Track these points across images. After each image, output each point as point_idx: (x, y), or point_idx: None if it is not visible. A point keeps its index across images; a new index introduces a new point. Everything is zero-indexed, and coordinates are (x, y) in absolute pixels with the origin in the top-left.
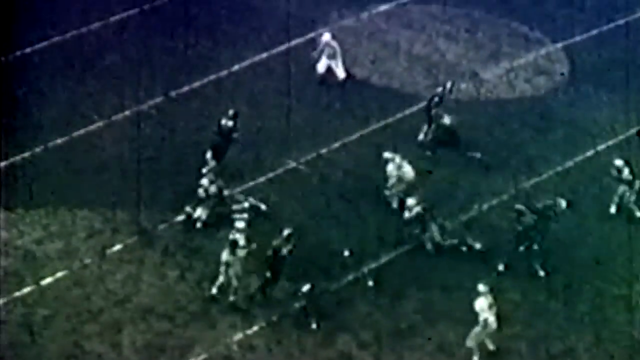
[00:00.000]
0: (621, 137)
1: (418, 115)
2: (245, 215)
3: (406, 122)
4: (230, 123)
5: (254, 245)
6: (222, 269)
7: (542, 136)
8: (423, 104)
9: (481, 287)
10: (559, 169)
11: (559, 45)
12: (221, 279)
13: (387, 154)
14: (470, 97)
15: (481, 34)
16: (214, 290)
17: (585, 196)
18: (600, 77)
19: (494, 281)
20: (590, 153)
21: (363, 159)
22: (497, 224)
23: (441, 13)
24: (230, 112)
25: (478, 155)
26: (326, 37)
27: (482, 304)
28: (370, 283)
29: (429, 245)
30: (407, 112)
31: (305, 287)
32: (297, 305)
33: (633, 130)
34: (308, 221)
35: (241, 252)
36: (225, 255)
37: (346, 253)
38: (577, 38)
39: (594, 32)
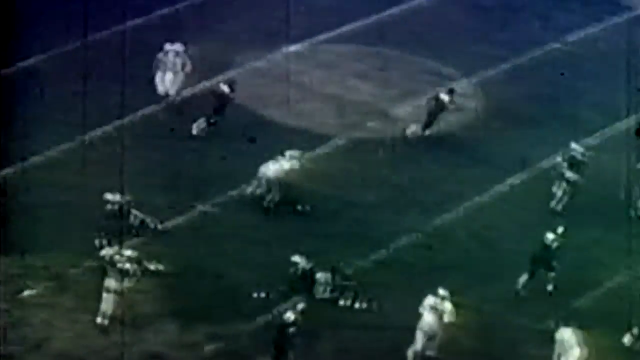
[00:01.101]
0: (535, 172)
1: (332, 154)
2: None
3: (319, 162)
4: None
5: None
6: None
7: (455, 173)
8: (337, 142)
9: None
10: (473, 204)
11: (472, 80)
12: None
13: None
14: (380, 135)
15: (393, 71)
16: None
17: (500, 231)
18: (513, 111)
19: None
20: (504, 188)
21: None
22: (412, 262)
23: (353, 52)
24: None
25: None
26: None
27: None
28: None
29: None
30: (319, 151)
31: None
32: (212, 346)
33: (546, 164)
34: (221, 263)
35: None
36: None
37: (262, 294)
38: (490, 73)
39: (507, 66)
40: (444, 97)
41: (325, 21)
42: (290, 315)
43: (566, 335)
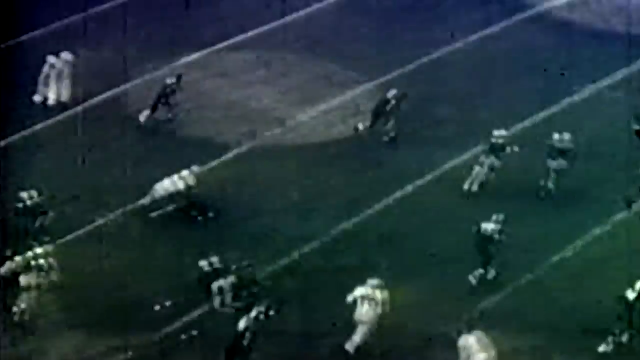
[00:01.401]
0: (436, 173)
1: (237, 162)
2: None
3: (225, 170)
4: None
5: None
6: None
7: (360, 177)
8: (240, 150)
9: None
10: (377, 208)
11: (371, 84)
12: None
13: None
14: (286, 141)
15: (296, 77)
16: None
17: (405, 233)
18: (416, 113)
19: None
20: (407, 191)
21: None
22: (319, 267)
23: (255, 59)
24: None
25: None
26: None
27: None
28: (194, 332)
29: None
30: (224, 159)
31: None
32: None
33: (447, 167)
34: (124, 273)
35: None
36: None
37: (167, 303)
38: (393, 74)
39: (408, 68)
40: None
41: (225, 29)
42: (243, 323)
43: (470, 340)
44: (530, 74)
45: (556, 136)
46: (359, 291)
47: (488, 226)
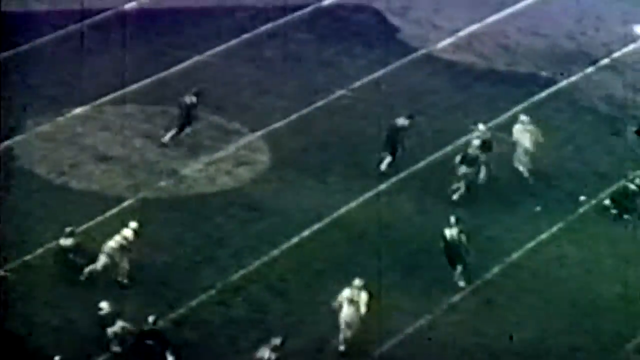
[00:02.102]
0: (327, 220)
1: (122, 215)
2: None
3: (112, 224)
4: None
5: None
6: None
7: (248, 227)
8: (128, 203)
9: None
10: (266, 258)
11: (258, 134)
12: None
13: None
14: (171, 194)
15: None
16: None
17: (295, 283)
18: (304, 162)
19: None
20: (296, 240)
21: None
22: (209, 319)
23: (138, 112)
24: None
25: None
26: None
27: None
28: None
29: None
30: (110, 213)
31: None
32: None
33: (343, 212)
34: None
35: None
36: None
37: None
38: (277, 125)
39: (294, 117)
40: (403, 122)
41: (108, 83)
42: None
43: None
44: (420, 115)
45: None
46: (345, 293)
47: (452, 231)
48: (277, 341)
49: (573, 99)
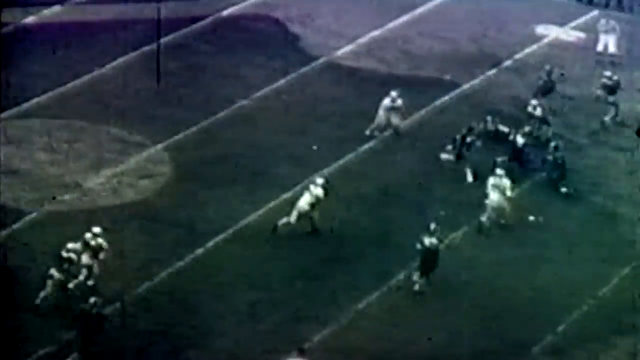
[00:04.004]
0: (231, 230)
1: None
2: None
3: (17, 237)
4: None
5: None
6: None
7: (152, 239)
8: (32, 217)
9: None
10: (172, 270)
11: (160, 146)
12: None
13: None
14: (75, 207)
15: (82, 143)
16: None
17: (201, 294)
18: (207, 173)
19: None
20: (200, 251)
21: None
22: (115, 331)
23: (40, 126)
24: None
25: None
26: None
27: None
28: None
29: None
30: (16, 226)
31: None
32: None
33: (247, 222)
34: None
35: None
36: None
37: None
38: (179, 136)
39: (196, 128)
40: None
41: (12, 97)
42: None
43: None
44: (323, 122)
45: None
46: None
47: (431, 239)
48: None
49: (477, 101)
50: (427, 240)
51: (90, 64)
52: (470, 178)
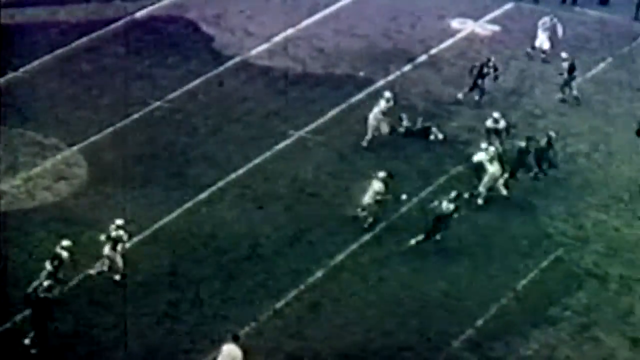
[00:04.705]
0: (148, 232)
1: None
2: None
3: None
4: None
5: None
6: None
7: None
8: None
9: None
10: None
11: (75, 148)
12: None
13: None
14: None
15: None
16: None
17: (119, 296)
18: (122, 174)
19: None
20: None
21: None
22: None
23: None
24: None
25: None
26: None
27: None
28: None
29: None
30: None
31: None
32: None
33: (164, 222)
34: None
35: None
36: None
37: None
38: (94, 138)
39: (110, 130)
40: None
41: None
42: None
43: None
44: (238, 122)
45: None
46: None
47: (449, 205)
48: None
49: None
50: (445, 205)
51: (3, 67)
52: None
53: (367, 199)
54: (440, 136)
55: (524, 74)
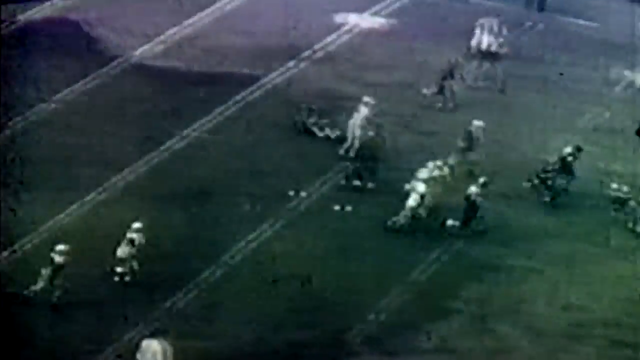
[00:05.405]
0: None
1: None
2: None
3: None
4: None
5: None
6: None
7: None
8: None
9: None
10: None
11: None
12: None
13: None
14: None
15: None
16: None
17: (16, 297)
18: (9, 177)
19: None
20: (6, 254)
21: None
22: None
23: None
24: None
25: None
26: None
27: None
28: None
29: None
30: None
31: None
32: None
33: (59, 224)
34: None
35: None
36: None
37: None
38: None
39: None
40: None
41: None
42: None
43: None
44: (127, 123)
45: None
46: None
47: (476, 190)
48: None
49: (280, 94)
50: (473, 190)
51: None
52: None
53: (411, 203)
54: (333, 135)
55: (410, 66)
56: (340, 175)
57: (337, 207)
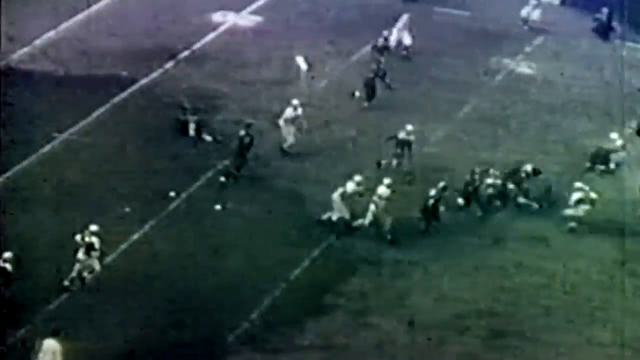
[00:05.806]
0: None
1: None
2: None
3: None
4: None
5: None
6: None
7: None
8: None
9: None
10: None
11: None
12: None
13: None
14: None
15: None
16: None
17: None
18: None
19: None
20: None
21: None
22: None
23: None
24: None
25: None
26: None
27: None
28: None
29: None
30: None
31: None
32: None
33: None
34: None
35: None
36: None
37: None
38: None
39: None
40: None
41: None
42: None
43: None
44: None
45: None
46: None
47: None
48: None
49: (155, 95)
50: (433, 192)
51: None
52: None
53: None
54: (209, 138)
55: (286, 63)
56: (211, 173)
57: (218, 207)
